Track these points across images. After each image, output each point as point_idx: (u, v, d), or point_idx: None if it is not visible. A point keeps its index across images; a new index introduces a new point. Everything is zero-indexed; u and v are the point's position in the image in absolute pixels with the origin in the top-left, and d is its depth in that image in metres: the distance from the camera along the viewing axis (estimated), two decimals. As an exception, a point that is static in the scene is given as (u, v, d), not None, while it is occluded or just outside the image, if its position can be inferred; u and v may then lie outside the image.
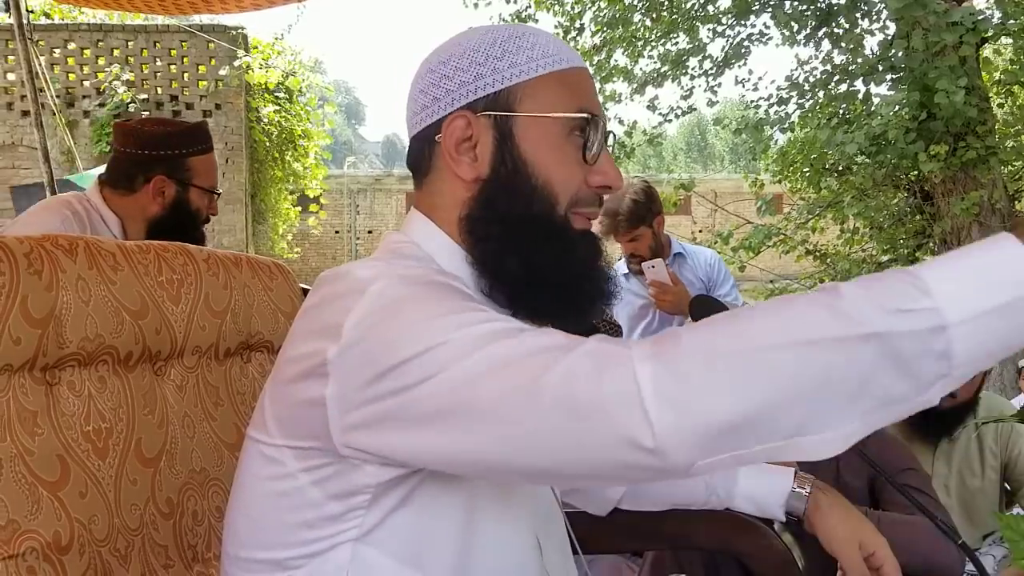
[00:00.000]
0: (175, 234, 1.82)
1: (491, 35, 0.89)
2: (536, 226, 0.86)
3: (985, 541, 2.18)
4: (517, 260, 0.85)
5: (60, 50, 9.58)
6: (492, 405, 0.66)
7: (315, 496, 0.79)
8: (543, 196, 0.86)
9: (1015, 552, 0.95)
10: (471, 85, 0.87)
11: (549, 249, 0.85)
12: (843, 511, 1.13)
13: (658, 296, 2.62)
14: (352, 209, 17.88)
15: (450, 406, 0.68)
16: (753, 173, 7.01)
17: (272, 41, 10.17)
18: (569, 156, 0.87)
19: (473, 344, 0.68)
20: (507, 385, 0.66)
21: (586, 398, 0.63)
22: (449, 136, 0.87)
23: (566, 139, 0.87)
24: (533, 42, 0.88)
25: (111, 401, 1.00)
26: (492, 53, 0.87)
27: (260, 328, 1.22)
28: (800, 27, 6.19)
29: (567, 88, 0.87)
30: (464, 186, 0.88)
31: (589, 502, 1.22)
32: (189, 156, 1.97)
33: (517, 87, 0.86)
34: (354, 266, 0.82)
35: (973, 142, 5.10)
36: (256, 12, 3.71)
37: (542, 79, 0.87)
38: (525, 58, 0.87)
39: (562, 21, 7.25)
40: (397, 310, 0.74)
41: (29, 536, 0.87)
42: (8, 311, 0.89)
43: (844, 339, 0.59)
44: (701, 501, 1.18)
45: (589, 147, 0.87)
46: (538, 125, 0.86)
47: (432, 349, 0.69)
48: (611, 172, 0.89)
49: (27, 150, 9.36)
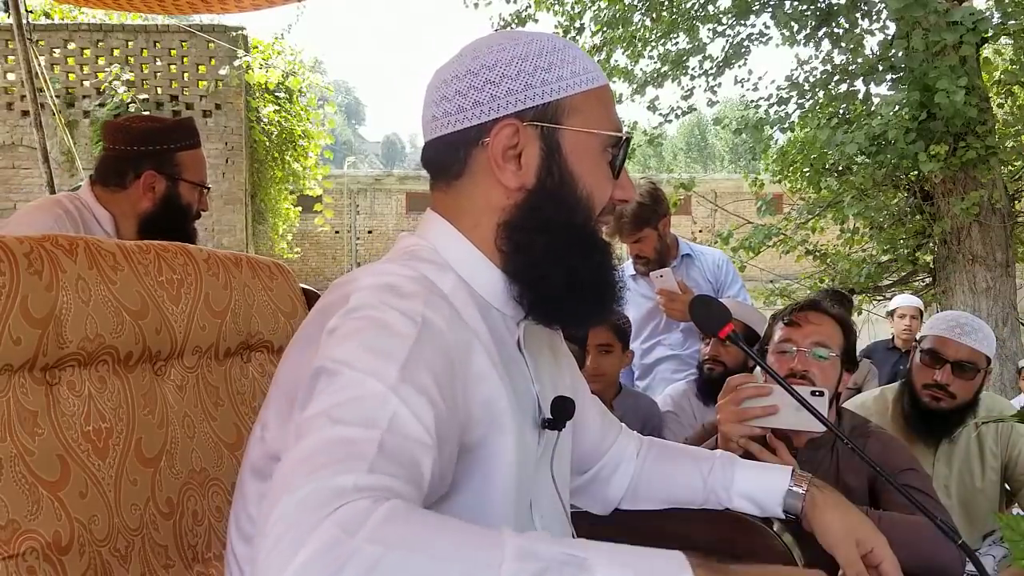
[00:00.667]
0: (167, 229, 1.81)
1: (537, 45, 0.90)
2: (577, 236, 0.90)
3: (985, 541, 2.18)
4: (561, 269, 0.88)
5: (60, 50, 9.57)
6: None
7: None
8: (585, 207, 0.91)
9: (1015, 552, 0.95)
10: (520, 94, 0.88)
11: (588, 257, 0.91)
12: (840, 508, 1.12)
13: (667, 305, 2.62)
14: (352, 209, 17.88)
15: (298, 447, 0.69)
16: (753, 173, 7.01)
17: (272, 41, 10.16)
18: (604, 171, 0.93)
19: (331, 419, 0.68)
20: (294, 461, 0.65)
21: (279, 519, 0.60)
22: (497, 143, 0.88)
23: (602, 154, 0.92)
24: (574, 56, 0.92)
25: (111, 401, 1.00)
26: (540, 64, 0.89)
27: (260, 328, 1.22)
28: (800, 27, 6.19)
29: (604, 106, 0.93)
30: (505, 193, 0.90)
31: (593, 501, 1.22)
32: (177, 151, 1.99)
33: (565, 101, 0.90)
34: (361, 272, 0.84)
35: (973, 142, 5.10)
36: (256, 12, 3.71)
37: (585, 95, 0.91)
38: (570, 72, 0.90)
39: (562, 21, 7.24)
40: (348, 334, 0.76)
41: (29, 536, 0.87)
42: (8, 311, 0.89)
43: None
44: (700, 500, 1.18)
45: (616, 163, 0.93)
46: (582, 139, 0.90)
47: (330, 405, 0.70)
48: (630, 188, 0.96)
49: (27, 150, 9.36)
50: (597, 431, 1.20)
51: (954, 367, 2.08)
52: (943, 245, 5.64)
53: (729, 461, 1.20)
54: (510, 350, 0.93)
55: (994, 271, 5.46)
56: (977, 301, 5.45)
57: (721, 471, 1.18)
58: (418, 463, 0.68)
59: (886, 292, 6.38)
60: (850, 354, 1.70)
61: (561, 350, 1.11)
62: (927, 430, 2.16)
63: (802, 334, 1.65)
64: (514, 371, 0.91)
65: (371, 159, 44.46)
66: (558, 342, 1.10)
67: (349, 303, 0.79)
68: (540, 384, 0.96)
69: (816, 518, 1.12)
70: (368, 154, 48.30)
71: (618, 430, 1.24)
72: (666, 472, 1.22)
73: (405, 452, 0.67)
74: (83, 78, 9.66)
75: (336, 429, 0.67)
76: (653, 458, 1.23)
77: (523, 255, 0.89)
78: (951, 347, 2.09)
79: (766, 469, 1.20)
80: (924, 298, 6.20)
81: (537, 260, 0.89)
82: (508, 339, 0.94)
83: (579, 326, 0.93)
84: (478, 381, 0.83)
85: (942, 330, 2.13)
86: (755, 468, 1.20)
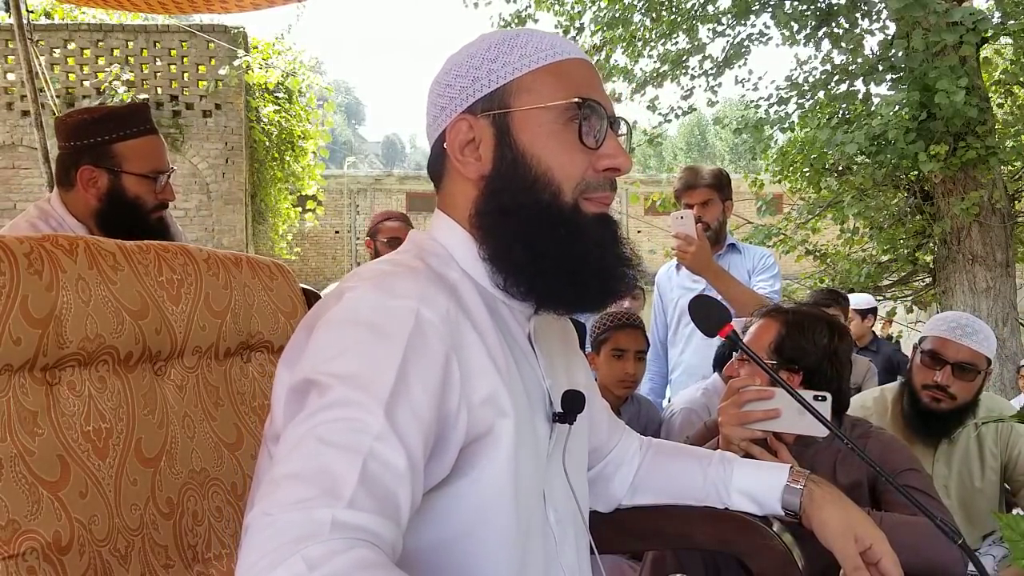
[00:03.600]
0: (124, 226, 1.74)
1: (487, 40, 0.92)
2: (541, 214, 0.87)
3: (985, 541, 2.18)
4: (523, 249, 0.87)
5: (60, 50, 9.57)
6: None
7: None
8: (544, 184, 0.88)
9: (1015, 552, 0.95)
10: (468, 89, 0.90)
11: (556, 236, 0.87)
12: (839, 504, 1.12)
13: (682, 248, 2.49)
14: (352, 209, 17.88)
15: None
16: (753, 173, 7.00)
17: (272, 41, 10.16)
18: (569, 143, 0.89)
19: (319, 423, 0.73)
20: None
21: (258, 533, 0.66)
22: (452, 140, 0.91)
23: (563, 127, 0.89)
24: (527, 40, 0.91)
25: (111, 401, 1.00)
26: (487, 56, 0.90)
27: (260, 328, 1.22)
28: (800, 27, 6.19)
29: (560, 78, 0.90)
30: (472, 185, 0.91)
31: (596, 499, 1.22)
32: (114, 142, 1.84)
33: (511, 84, 0.89)
34: (360, 270, 0.86)
35: (973, 142, 5.10)
36: (256, 12, 3.71)
37: (535, 72, 0.89)
38: (518, 56, 0.90)
39: (562, 21, 7.24)
40: (328, 335, 0.80)
41: (29, 536, 0.87)
42: (8, 311, 0.89)
43: None
44: (700, 496, 1.18)
45: (586, 132, 0.89)
46: (533, 116, 0.88)
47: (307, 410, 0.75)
48: (618, 154, 0.91)
49: (27, 150, 9.36)
50: (604, 430, 1.21)
51: (954, 368, 2.08)
52: (943, 245, 5.64)
53: (728, 459, 1.20)
54: (521, 344, 0.94)
55: (994, 271, 5.47)
56: (977, 301, 5.46)
57: (720, 468, 1.18)
58: (396, 495, 0.72)
59: (886, 292, 6.39)
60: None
61: (573, 347, 1.12)
62: (927, 430, 2.16)
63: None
64: (524, 365, 0.92)
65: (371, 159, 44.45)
66: (571, 339, 1.12)
67: (343, 302, 0.81)
68: (552, 378, 0.97)
69: (815, 514, 1.12)
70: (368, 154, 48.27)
71: (622, 430, 1.25)
72: (666, 468, 1.22)
73: (384, 483, 0.71)
74: (83, 78, 9.66)
75: (322, 452, 0.71)
76: (653, 455, 1.24)
77: (492, 240, 0.90)
78: (951, 348, 2.09)
79: (764, 466, 1.20)
80: (924, 298, 6.20)
81: (503, 243, 0.88)
82: (519, 333, 0.95)
83: (561, 308, 0.90)
84: (480, 374, 0.84)
85: (942, 331, 2.13)
86: (753, 465, 1.20)
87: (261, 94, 10.03)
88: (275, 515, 0.66)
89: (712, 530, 1.18)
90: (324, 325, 0.81)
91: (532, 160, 0.88)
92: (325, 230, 15.76)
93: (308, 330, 0.84)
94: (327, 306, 0.83)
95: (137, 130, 1.87)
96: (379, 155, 49.95)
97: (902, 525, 1.46)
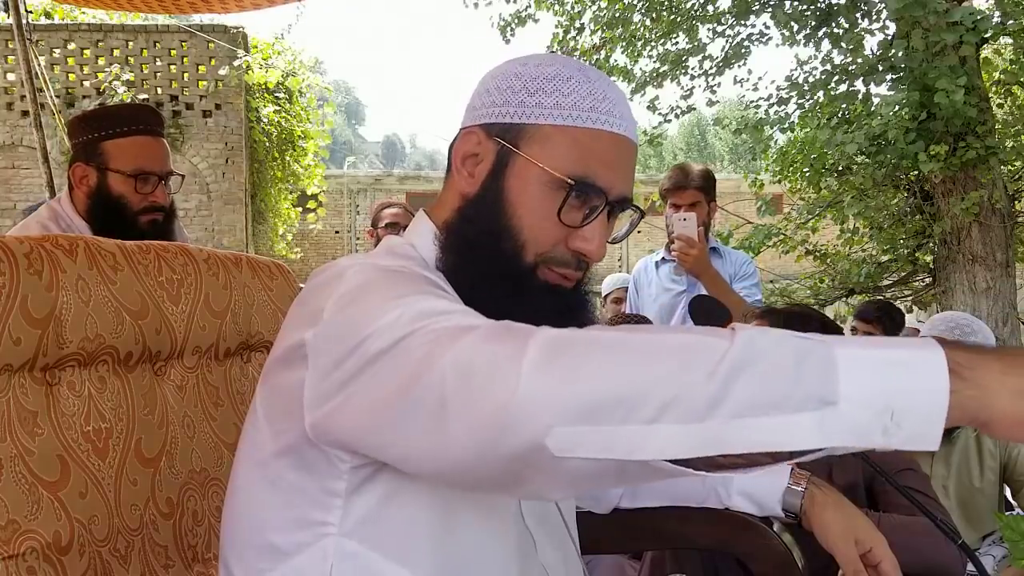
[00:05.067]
0: (112, 226, 1.73)
1: (542, 69, 0.88)
2: (494, 262, 0.86)
3: (984, 541, 2.18)
4: (466, 280, 0.86)
5: (60, 50, 9.57)
6: (415, 373, 0.67)
7: (295, 486, 0.81)
8: (510, 236, 0.86)
9: (1015, 552, 0.95)
10: (496, 108, 0.88)
11: (497, 286, 0.85)
12: (839, 507, 1.12)
13: (683, 251, 2.50)
14: (352, 209, 17.87)
15: (390, 373, 0.69)
16: (753, 173, 7.00)
17: (272, 41, 10.16)
18: (551, 211, 0.86)
19: (412, 320, 0.70)
20: (433, 348, 0.67)
21: (479, 360, 0.64)
22: (460, 146, 0.90)
23: (552, 192, 0.86)
24: (574, 89, 0.86)
25: (111, 401, 1.00)
26: (529, 87, 0.87)
27: (260, 328, 1.22)
28: (800, 27, 6.18)
29: (578, 148, 0.86)
30: (459, 195, 0.90)
31: (593, 500, 1.22)
32: (103, 140, 1.84)
33: (530, 127, 0.86)
34: (339, 259, 0.85)
35: (973, 142, 5.10)
36: (256, 12, 3.71)
37: (560, 129, 0.86)
38: (553, 103, 0.86)
39: (562, 21, 7.24)
40: (366, 291, 0.76)
41: (29, 536, 0.87)
42: (8, 311, 0.89)
43: (729, 338, 0.59)
44: (700, 497, 1.18)
45: (566, 210, 0.86)
46: (532, 169, 0.86)
47: (388, 329, 0.70)
48: (594, 242, 0.87)
49: (27, 150, 9.36)
50: None
51: (953, 368, 2.08)
52: (943, 245, 5.64)
53: None
54: None
55: (994, 271, 5.46)
56: (977, 301, 5.45)
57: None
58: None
59: (886, 292, 6.38)
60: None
61: None
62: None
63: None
64: None
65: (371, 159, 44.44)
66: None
67: (348, 276, 0.79)
68: None
69: (815, 516, 1.12)
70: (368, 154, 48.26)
71: None
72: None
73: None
74: (83, 78, 9.66)
75: (440, 319, 0.69)
76: None
77: (448, 256, 0.89)
78: (950, 348, 2.09)
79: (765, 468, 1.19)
80: (924, 298, 6.20)
81: (457, 266, 0.88)
82: None
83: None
84: None
85: (941, 331, 2.13)
86: None
87: (261, 94, 10.03)
88: (463, 340, 0.65)
89: (712, 530, 1.18)
90: (340, 304, 0.76)
91: (510, 208, 0.86)
92: (325, 230, 15.75)
93: (305, 306, 0.82)
94: (327, 293, 0.79)
95: (128, 129, 1.85)
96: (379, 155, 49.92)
97: (901, 526, 1.46)
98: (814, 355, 0.58)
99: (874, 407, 0.56)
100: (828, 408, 0.56)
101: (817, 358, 0.57)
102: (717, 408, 0.57)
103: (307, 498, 0.80)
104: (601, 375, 0.60)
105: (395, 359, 0.69)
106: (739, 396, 0.57)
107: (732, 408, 0.57)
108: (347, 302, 0.76)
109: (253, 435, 0.86)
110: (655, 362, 0.60)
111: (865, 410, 0.56)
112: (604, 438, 0.59)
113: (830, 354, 0.57)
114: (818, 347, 0.58)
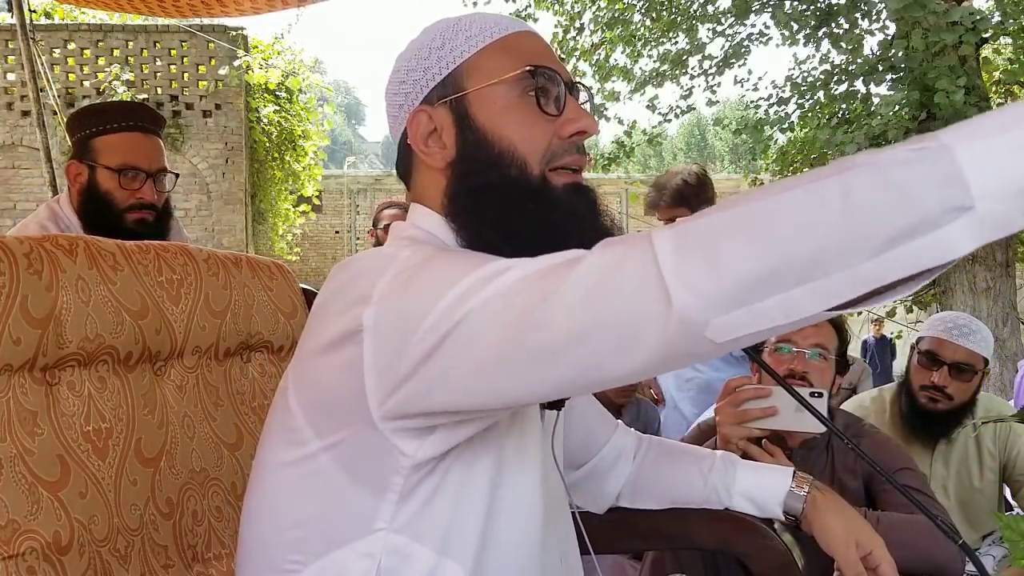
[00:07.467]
0: (101, 224, 1.73)
1: (431, 30, 0.92)
2: (510, 192, 0.85)
3: (984, 541, 2.18)
4: (496, 230, 0.85)
5: (60, 50, 9.57)
6: (526, 311, 0.67)
7: (341, 482, 0.80)
8: (509, 160, 0.86)
9: (1015, 552, 0.95)
10: (421, 81, 0.89)
11: (527, 212, 0.85)
12: (840, 510, 1.13)
13: None
14: (352, 209, 17.87)
15: (491, 325, 0.69)
16: (753, 173, 7.01)
17: (272, 41, 10.16)
18: (528, 114, 0.87)
19: (500, 268, 0.71)
20: (537, 290, 0.68)
21: (610, 268, 0.65)
22: (415, 133, 0.89)
23: (520, 98, 0.87)
24: (471, 22, 0.90)
25: (111, 401, 1.00)
26: (434, 45, 0.89)
27: (260, 328, 1.22)
28: (800, 27, 6.19)
29: (509, 51, 0.88)
30: (440, 174, 0.90)
31: (589, 497, 1.22)
32: (93, 136, 1.82)
33: (462, 66, 0.88)
34: (370, 250, 0.85)
35: (973, 142, 5.10)
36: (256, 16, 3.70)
37: (484, 51, 0.88)
38: (463, 38, 0.89)
39: (562, 20, 7.25)
40: (426, 266, 0.76)
41: (29, 536, 0.87)
42: (8, 311, 0.89)
43: (840, 172, 0.58)
44: (701, 499, 1.18)
45: (545, 99, 0.87)
46: (488, 94, 0.87)
47: (469, 289, 0.70)
48: (581, 117, 0.88)
49: (27, 150, 9.36)
50: (594, 424, 1.20)
51: (951, 369, 2.08)
52: (943, 245, 5.64)
53: (730, 461, 1.20)
54: None
55: (994, 271, 5.47)
56: (977, 301, 5.46)
57: (722, 470, 1.18)
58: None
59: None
60: (843, 357, 1.70)
61: None
62: (924, 431, 2.16)
63: (802, 335, 1.65)
64: None
65: (371, 159, 44.45)
66: None
67: (400, 269, 0.77)
68: None
69: (816, 520, 1.13)
70: (368, 154, 48.23)
71: (614, 426, 1.24)
72: (666, 470, 1.22)
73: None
74: (83, 78, 9.66)
75: (539, 280, 0.69)
76: (653, 456, 1.23)
77: (466, 224, 0.88)
78: (948, 349, 2.10)
79: (767, 470, 1.19)
80: (924, 298, 6.20)
81: (476, 226, 0.87)
82: None
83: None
84: None
85: (940, 331, 2.13)
86: (756, 468, 1.20)
87: (261, 94, 10.03)
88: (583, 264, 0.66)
89: (712, 530, 1.18)
90: (399, 280, 0.76)
91: (494, 138, 0.86)
92: (325, 230, 15.76)
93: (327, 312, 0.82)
94: (374, 277, 0.78)
95: (118, 125, 1.83)
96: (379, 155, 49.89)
97: (900, 525, 1.46)
98: (935, 167, 0.56)
99: (1009, 196, 0.55)
100: (967, 214, 0.55)
101: (940, 171, 0.56)
102: (863, 246, 0.56)
103: (354, 494, 0.80)
104: (740, 258, 0.59)
105: (488, 312, 0.69)
106: (879, 227, 0.56)
107: (877, 243, 0.56)
108: (407, 278, 0.75)
109: (284, 434, 0.85)
110: (784, 224, 0.59)
111: (1002, 203, 0.55)
112: (760, 313, 0.59)
113: (952, 159, 0.55)
114: (934, 156, 0.56)
